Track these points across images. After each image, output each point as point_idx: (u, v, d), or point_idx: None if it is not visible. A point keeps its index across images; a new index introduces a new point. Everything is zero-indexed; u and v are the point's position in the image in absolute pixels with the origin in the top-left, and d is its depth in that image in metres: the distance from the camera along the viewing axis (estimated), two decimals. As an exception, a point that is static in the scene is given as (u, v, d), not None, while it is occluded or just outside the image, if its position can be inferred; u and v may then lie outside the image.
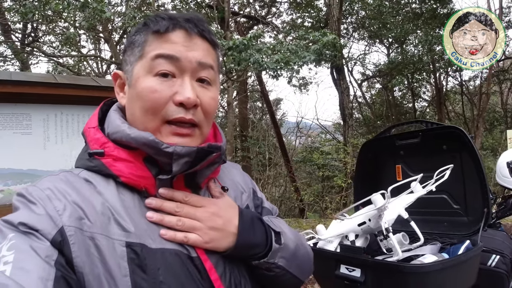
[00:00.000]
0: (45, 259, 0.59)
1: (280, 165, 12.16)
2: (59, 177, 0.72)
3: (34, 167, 3.52)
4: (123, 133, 0.73)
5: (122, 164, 0.73)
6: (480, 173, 1.50)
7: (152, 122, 0.73)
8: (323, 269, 1.35)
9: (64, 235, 0.63)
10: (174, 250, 0.72)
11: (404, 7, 12.86)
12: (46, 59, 10.65)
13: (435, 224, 1.66)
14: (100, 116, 0.82)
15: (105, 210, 0.69)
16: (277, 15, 14.52)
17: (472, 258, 1.20)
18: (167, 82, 0.73)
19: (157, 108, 0.72)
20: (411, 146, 1.76)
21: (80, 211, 0.66)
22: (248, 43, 5.03)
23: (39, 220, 0.63)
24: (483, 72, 12.60)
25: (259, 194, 1.02)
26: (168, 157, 0.71)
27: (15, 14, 7.04)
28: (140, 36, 0.76)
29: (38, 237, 0.61)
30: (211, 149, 0.75)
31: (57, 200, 0.66)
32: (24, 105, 3.52)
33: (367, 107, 17.28)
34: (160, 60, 0.73)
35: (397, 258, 1.19)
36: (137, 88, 0.74)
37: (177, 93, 0.73)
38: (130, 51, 0.78)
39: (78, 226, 0.65)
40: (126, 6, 9.40)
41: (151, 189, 0.74)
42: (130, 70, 0.76)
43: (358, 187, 1.94)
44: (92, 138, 0.77)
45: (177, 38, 0.74)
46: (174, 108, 0.73)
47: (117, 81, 0.82)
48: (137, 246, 0.68)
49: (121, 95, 0.81)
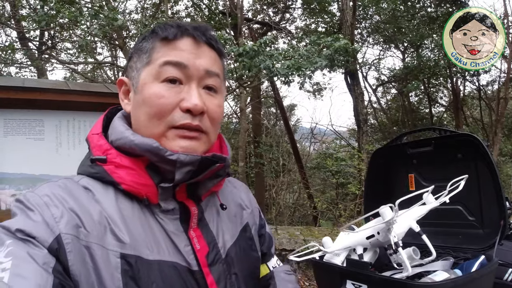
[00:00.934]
0: (43, 266, 0.60)
1: (294, 171, 12.10)
2: (58, 183, 0.71)
3: (46, 172, 3.57)
4: (126, 140, 0.73)
5: (124, 171, 0.72)
6: (496, 183, 1.43)
7: (158, 127, 0.74)
8: (328, 283, 1.29)
9: (61, 243, 0.63)
10: (172, 262, 0.71)
11: (419, 11, 12.70)
12: (61, 66, 10.85)
13: (449, 237, 1.58)
14: (105, 123, 0.82)
15: (102, 219, 0.68)
16: (291, 21, 14.52)
17: (486, 274, 1.13)
18: (174, 88, 0.74)
19: (163, 113, 0.73)
20: (424, 154, 1.69)
21: (77, 219, 0.67)
22: (258, 49, 5.02)
23: (36, 227, 0.63)
24: (501, 76, 12.35)
25: (262, 215, 1.03)
26: (171, 164, 0.71)
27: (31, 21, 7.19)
28: (148, 43, 0.76)
29: (35, 244, 0.62)
30: (215, 159, 0.74)
31: (54, 207, 0.66)
32: (37, 111, 3.60)
33: (382, 113, 17.08)
34: (168, 66, 0.74)
35: (407, 274, 1.13)
36: (144, 94, 0.74)
37: (184, 99, 0.74)
38: (136, 57, 0.78)
39: (75, 234, 0.65)
40: (142, 15, 9.53)
41: (152, 197, 0.73)
42: (137, 76, 0.76)
43: (369, 197, 1.88)
44: (95, 144, 0.77)
45: (185, 46, 0.75)
46: (180, 114, 0.73)
47: (122, 88, 0.82)
48: (132, 258, 0.68)
49: (126, 102, 0.81)
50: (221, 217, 0.85)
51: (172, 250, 0.73)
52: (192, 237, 0.76)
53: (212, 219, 0.82)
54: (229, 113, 14.54)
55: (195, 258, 0.75)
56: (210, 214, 0.82)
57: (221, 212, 0.85)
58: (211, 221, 0.82)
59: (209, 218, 0.82)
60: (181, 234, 0.75)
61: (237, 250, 0.84)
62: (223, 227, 0.83)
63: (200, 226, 0.78)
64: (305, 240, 5.00)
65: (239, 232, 0.88)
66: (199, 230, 0.78)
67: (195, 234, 0.77)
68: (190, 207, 0.77)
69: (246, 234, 0.91)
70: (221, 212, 0.86)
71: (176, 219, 0.76)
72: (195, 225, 0.77)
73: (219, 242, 0.80)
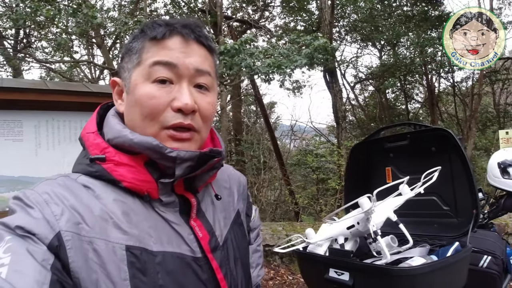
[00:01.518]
0: (42, 263, 0.59)
1: (275, 168, 12.15)
2: (57, 181, 0.72)
3: (26, 174, 3.50)
4: (125, 138, 0.74)
5: (124, 169, 0.73)
6: (468, 174, 1.51)
7: (152, 128, 0.74)
8: (312, 273, 1.35)
9: (61, 240, 0.63)
10: (175, 253, 0.73)
11: (396, 10, 12.93)
12: (38, 65, 10.61)
13: (425, 226, 1.66)
14: (98, 120, 0.83)
15: (103, 214, 0.69)
16: (270, 19, 14.57)
17: (461, 260, 1.20)
18: (165, 88, 0.74)
19: (155, 114, 0.73)
20: (400, 148, 1.76)
21: (77, 216, 0.67)
22: (239, 48, 5.03)
23: (36, 224, 0.63)
24: (475, 73, 12.69)
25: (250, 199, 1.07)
26: (171, 161, 0.72)
27: (7, 20, 7.01)
28: (137, 43, 0.77)
29: (35, 241, 0.61)
30: (213, 154, 0.77)
31: (54, 205, 0.66)
32: (15, 111, 3.52)
33: (360, 110, 17.32)
34: (158, 67, 0.74)
35: (386, 261, 1.19)
36: (135, 95, 0.74)
37: (175, 99, 0.74)
38: (127, 58, 0.78)
39: (75, 231, 0.65)
40: (119, 12, 9.40)
41: (153, 193, 0.75)
42: (128, 77, 0.77)
43: (349, 190, 1.95)
44: (91, 143, 0.77)
45: (174, 45, 0.75)
46: (172, 114, 0.74)
47: (115, 88, 0.82)
48: (137, 250, 0.69)
49: (119, 102, 0.82)
50: (216, 206, 0.88)
51: (176, 240, 0.75)
52: (193, 226, 0.79)
53: (208, 209, 0.85)
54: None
55: (198, 245, 0.77)
56: (206, 204, 0.85)
57: (215, 202, 0.88)
58: (208, 211, 0.84)
59: (206, 208, 0.84)
60: (183, 224, 0.78)
61: (231, 237, 0.87)
62: (219, 216, 0.87)
63: (198, 216, 0.81)
64: (288, 235, 5.06)
65: (232, 220, 0.92)
66: (199, 220, 0.81)
67: (196, 223, 0.80)
68: (190, 199, 0.80)
69: (238, 221, 0.95)
70: (216, 202, 0.88)
71: (177, 211, 0.78)
72: (194, 215, 0.80)
73: (217, 230, 0.83)
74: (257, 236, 1.19)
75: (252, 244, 1.14)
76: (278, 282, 4.89)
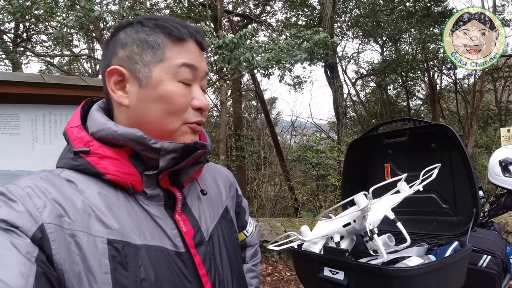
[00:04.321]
0: (26, 255, 0.60)
1: (275, 164, 12.13)
2: (40, 175, 0.72)
3: (22, 168, 3.49)
4: (109, 131, 0.74)
5: (107, 162, 0.74)
6: (469, 172, 1.47)
7: (175, 123, 0.77)
8: (306, 271, 1.31)
9: (44, 232, 0.64)
10: (158, 246, 0.73)
11: (398, 6, 12.85)
12: (37, 59, 10.57)
13: (424, 224, 1.62)
14: (82, 115, 0.82)
15: (86, 207, 0.70)
16: (271, 13, 14.49)
17: (460, 260, 1.16)
18: (188, 88, 0.79)
19: (182, 111, 0.78)
20: (399, 144, 1.72)
21: (60, 208, 0.67)
22: (238, 42, 4.99)
23: (19, 217, 0.63)
24: (477, 70, 12.63)
25: (239, 191, 1.09)
26: (155, 152, 0.74)
27: (5, 13, 6.97)
28: (157, 38, 0.77)
29: (19, 234, 0.62)
30: (197, 146, 0.78)
31: (37, 198, 0.67)
32: (12, 105, 3.50)
33: (361, 106, 17.27)
34: (185, 68, 0.78)
35: (382, 260, 1.15)
36: (162, 91, 0.75)
37: (195, 99, 0.79)
38: (141, 49, 0.77)
39: (58, 224, 0.66)
40: (120, 6, 9.33)
41: (137, 185, 0.75)
42: (147, 71, 0.76)
43: (346, 186, 1.91)
44: (75, 137, 0.77)
45: (193, 48, 0.80)
46: (193, 112, 0.79)
47: (113, 78, 0.78)
48: (119, 243, 0.70)
49: (120, 94, 0.78)
50: (202, 202, 0.88)
51: (159, 234, 0.75)
52: (178, 220, 0.79)
53: (194, 204, 0.86)
54: (210, 106, 14.46)
55: (181, 240, 0.78)
56: (191, 199, 0.86)
57: (202, 197, 0.89)
58: (193, 206, 0.85)
59: (191, 203, 0.85)
60: (167, 218, 0.78)
61: (218, 233, 0.88)
62: (205, 212, 0.87)
63: (183, 211, 0.82)
64: (286, 231, 5.04)
65: (220, 215, 0.92)
66: (184, 214, 0.81)
67: (181, 218, 0.80)
68: (175, 193, 0.81)
69: (227, 217, 0.95)
70: (202, 197, 0.89)
71: (161, 205, 0.79)
72: (179, 209, 0.81)
73: (202, 226, 0.83)
74: (254, 254, 1.18)
75: (247, 263, 1.14)
76: (276, 278, 4.88)
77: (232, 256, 0.90)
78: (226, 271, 0.85)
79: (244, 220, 1.13)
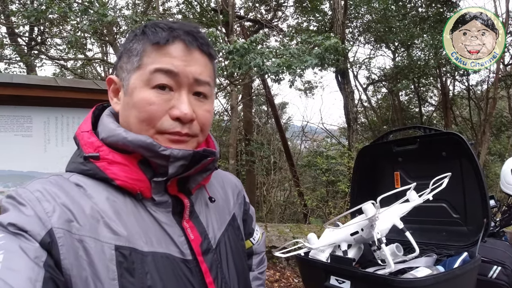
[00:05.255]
0: (34, 260, 0.60)
1: (285, 169, 12.11)
2: (49, 180, 0.72)
3: (34, 169, 3.53)
4: (119, 137, 0.74)
5: (117, 167, 0.74)
6: (479, 181, 1.45)
7: (147, 132, 0.75)
8: (313, 279, 1.30)
9: (53, 237, 0.63)
10: (165, 254, 0.73)
11: (410, 11, 12.76)
12: (50, 62, 10.73)
13: (433, 234, 1.60)
14: (93, 120, 0.83)
15: (94, 213, 0.69)
16: (283, 19, 14.51)
17: (468, 271, 1.14)
18: (164, 95, 0.74)
19: (153, 120, 0.74)
20: (410, 152, 1.70)
21: (69, 213, 0.67)
22: (249, 47, 5.00)
23: (28, 221, 0.63)
24: (490, 76, 12.46)
25: (247, 199, 1.08)
26: (164, 159, 0.73)
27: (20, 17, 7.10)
28: (138, 45, 0.76)
29: (27, 238, 0.62)
30: (206, 154, 0.77)
31: (46, 202, 0.66)
32: (25, 107, 3.55)
33: (373, 112, 17.16)
34: (159, 74, 0.74)
35: (390, 270, 1.14)
36: (134, 98, 0.74)
37: (174, 107, 0.74)
38: (126, 58, 0.78)
39: (67, 228, 0.65)
40: (133, 11, 9.45)
41: (146, 192, 0.75)
42: (127, 78, 0.76)
43: (355, 194, 1.89)
44: (86, 142, 0.77)
45: (176, 52, 0.75)
46: (170, 122, 0.75)
47: (111, 86, 0.82)
48: (126, 250, 0.69)
49: (115, 101, 0.81)
50: (210, 209, 0.88)
51: (166, 241, 0.75)
52: (185, 227, 0.79)
53: (202, 211, 0.85)
54: (220, 111, 14.50)
55: (189, 247, 0.77)
56: (199, 206, 0.85)
57: (209, 204, 0.88)
58: (201, 213, 0.84)
59: (199, 211, 0.84)
60: (174, 225, 0.77)
61: (226, 240, 0.87)
62: (212, 219, 0.86)
63: (191, 218, 0.81)
64: (295, 238, 5.02)
65: (227, 223, 0.91)
66: (191, 221, 0.81)
67: (188, 225, 0.79)
68: (183, 200, 0.80)
69: (234, 224, 0.94)
70: (210, 205, 0.88)
71: (169, 212, 0.78)
72: (187, 216, 0.80)
73: (210, 233, 0.83)
74: (260, 262, 1.18)
75: (253, 270, 1.13)
76: (284, 284, 4.85)
77: (238, 264, 0.89)
78: (233, 279, 0.84)
79: (251, 227, 1.12)
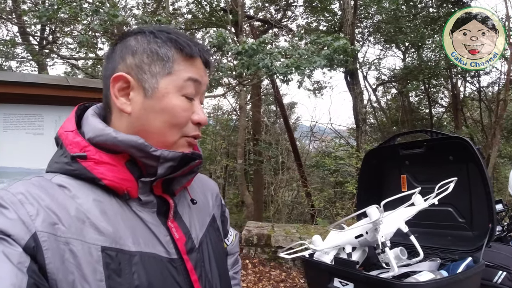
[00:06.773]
0: (18, 265, 0.59)
1: (293, 169, 12.10)
2: (31, 181, 0.71)
3: (44, 166, 3.57)
4: (108, 137, 0.75)
5: (104, 167, 0.74)
6: (486, 186, 1.45)
7: (175, 136, 0.79)
8: (317, 281, 1.32)
9: (38, 241, 0.63)
10: (152, 254, 0.74)
11: (421, 11, 12.66)
12: (62, 61, 10.85)
13: (438, 238, 1.60)
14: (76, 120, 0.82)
15: (79, 214, 0.69)
16: (292, 19, 14.49)
17: (471, 277, 1.14)
18: (190, 103, 0.81)
19: (182, 124, 0.80)
20: (416, 156, 1.70)
21: (53, 216, 0.66)
22: (257, 48, 5.02)
23: (11, 225, 0.62)
24: (502, 78, 12.32)
25: (223, 201, 1.12)
26: (154, 160, 0.75)
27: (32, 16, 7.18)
28: (168, 51, 0.79)
29: (10, 242, 0.61)
30: (195, 156, 0.81)
31: (29, 205, 0.66)
32: (36, 106, 3.59)
33: (382, 112, 17.05)
34: (190, 82, 0.80)
35: (393, 274, 1.15)
36: (165, 103, 0.77)
37: (195, 113, 0.81)
38: (150, 60, 0.78)
39: (51, 232, 0.65)
40: (143, 11, 9.51)
41: (132, 192, 0.76)
42: (154, 81, 0.77)
43: (361, 196, 1.90)
44: (71, 141, 0.76)
45: (199, 64, 0.83)
46: (192, 126, 0.81)
47: (118, 84, 0.79)
48: (113, 251, 0.69)
49: (124, 101, 0.79)
50: (192, 210, 0.90)
51: (152, 241, 0.76)
52: (170, 227, 0.81)
53: (185, 212, 0.87)
54: (229, 110, 14.54)
55: (174, 247, 0.79)
56: (182, 207, 0.88)
57: (191, 206, 0.91)
58: (184, 214, 0.87)
59: (182, 211, 0.87)
60: (160, 225, 0.79)
61: (207, 241, 0.89)
62: (194, 220, 0.89)
63: (175, 218, 0.83)
64: (301, 238, 5.02)
65: (208, 224, 0.94)
66: (175, 222, 0.83)
67: (173, 225, 0.82)
68: (168, 200, 0.82)
69: (214, 225, 0.97)
70: (192, 206, 0.91)
71: (154, 212, 0.80)
72: (172, 216, 0.82)
73: (193, 233, 0.85)
74: (235, 262, 1.21)
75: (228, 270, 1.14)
76: (289, 285, 4.86)
77: (220, 263, 0.92)
78: (215, 277, 0.87)
79: (226, 229, 1.14)
